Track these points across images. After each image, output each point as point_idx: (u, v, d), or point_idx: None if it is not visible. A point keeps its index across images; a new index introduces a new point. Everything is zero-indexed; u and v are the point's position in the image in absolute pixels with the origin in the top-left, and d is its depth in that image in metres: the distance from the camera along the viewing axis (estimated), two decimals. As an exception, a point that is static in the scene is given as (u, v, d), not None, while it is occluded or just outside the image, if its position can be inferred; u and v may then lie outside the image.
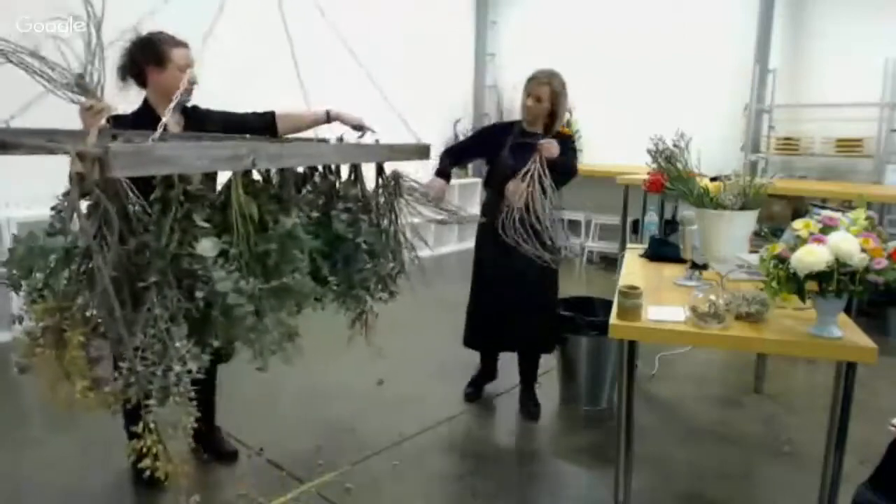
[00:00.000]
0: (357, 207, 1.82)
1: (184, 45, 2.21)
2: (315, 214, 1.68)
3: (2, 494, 2.48)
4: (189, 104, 2.34)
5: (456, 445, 2.97)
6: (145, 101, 2.27)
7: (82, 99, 1.56)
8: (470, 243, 3.41)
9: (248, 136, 2.19)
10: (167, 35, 2.18)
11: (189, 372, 1.25)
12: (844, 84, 5.49)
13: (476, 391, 3.34)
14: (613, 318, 2.11)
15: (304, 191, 1.79)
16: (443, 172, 3.11)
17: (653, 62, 6.48)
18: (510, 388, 3.28)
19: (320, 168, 1.83)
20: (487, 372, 3.37)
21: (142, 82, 2.24)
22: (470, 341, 3.24)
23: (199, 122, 2.32)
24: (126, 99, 2.20)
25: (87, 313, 1.26)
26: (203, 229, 1.32)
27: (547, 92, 2.97)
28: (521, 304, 3.03)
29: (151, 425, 1.25)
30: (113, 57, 2.11)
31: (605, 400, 3.33)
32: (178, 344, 1.24)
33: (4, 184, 3.90)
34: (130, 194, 1.26)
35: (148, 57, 2.17)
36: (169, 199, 1.30)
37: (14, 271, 1.26)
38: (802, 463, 2.74)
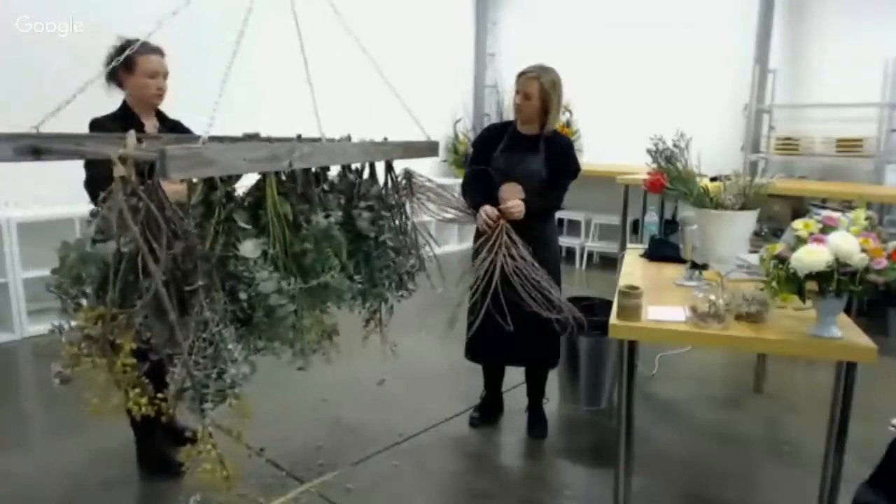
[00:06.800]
0: (379, 206, 1.83)
1: (156, 52, 2.36)
2: (339, 213, 1.68)
3: (4, 495, 2.48)
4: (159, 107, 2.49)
5: (456, 445, 2.97)
6: (124, 103, 2.42)
7: None
8: (470, 243, 3.38)
9: None
10: (141, 42, 2.24)
11: (244, 375, 1.25)
12: (844, 84, 5.49)
13: (482, 417, 3.15)
14: (613, 318, 2.11)
15: (319, 189, 1.79)
16: (479, 204, 2.84)
17: (653, 62, 6.48)
18: (510, 387, 3.27)
19: (338, 167, 1.82)
20: (493, 397, 3.22)
21: (119, 84, 2.40)
22: (471, 354, 3.06)
23: (170, 129, 2.46)
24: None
25: (137, 320, 1.21)
26: (245, 231, 1.32)
27: (536, 88, 2.78)
28: (524, 318, 2.74)
29: (210, 430, 1.24)
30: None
31: (605, 400, 3.33)
32: (230, 346, 1.23)
33: (4, 184, 3.90)
34: (168, 198, 1.22)
35: (120, 62, 2.28)
36: (212, 202, 1.29)
37: (63, 279, 1.20)
38: (802, 463, 2.75)
